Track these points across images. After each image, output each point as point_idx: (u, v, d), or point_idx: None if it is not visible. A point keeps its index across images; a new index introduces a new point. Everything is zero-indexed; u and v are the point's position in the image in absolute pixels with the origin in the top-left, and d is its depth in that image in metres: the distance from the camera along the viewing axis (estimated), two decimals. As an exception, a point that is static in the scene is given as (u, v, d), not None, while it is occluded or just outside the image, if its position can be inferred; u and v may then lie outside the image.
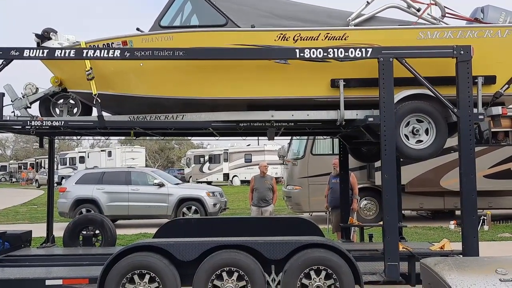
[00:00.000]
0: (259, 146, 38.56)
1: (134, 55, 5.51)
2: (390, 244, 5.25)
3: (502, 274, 3.44)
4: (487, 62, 5.56)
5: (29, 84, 6.21)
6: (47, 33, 6.16)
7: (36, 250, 7.39)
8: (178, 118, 5.99)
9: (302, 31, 5.68)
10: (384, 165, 5.32)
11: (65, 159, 40.41)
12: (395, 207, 5.33)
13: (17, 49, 5.60)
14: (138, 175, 14.83)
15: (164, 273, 5.11)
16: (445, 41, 5.56)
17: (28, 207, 21.83)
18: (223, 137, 7.88)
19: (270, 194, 9.80)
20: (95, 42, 5.86)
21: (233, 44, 5.66)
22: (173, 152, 64.84)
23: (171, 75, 5.77)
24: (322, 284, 5.12)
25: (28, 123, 6.05)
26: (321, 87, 5.72)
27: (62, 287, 5.50)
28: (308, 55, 5.42)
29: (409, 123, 5.60)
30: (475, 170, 5.30)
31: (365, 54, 5.39)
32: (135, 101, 5.97)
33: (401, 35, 5.71)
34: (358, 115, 5.76)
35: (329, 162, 10.15)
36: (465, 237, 5.29)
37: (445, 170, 12.60)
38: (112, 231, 8.11)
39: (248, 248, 5.26)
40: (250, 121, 6.02)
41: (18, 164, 60.04)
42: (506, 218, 13.57)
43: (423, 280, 4.58)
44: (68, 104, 6.36)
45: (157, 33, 5.81)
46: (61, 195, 14.14)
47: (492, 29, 5.64)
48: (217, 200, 14.42)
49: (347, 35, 5.65)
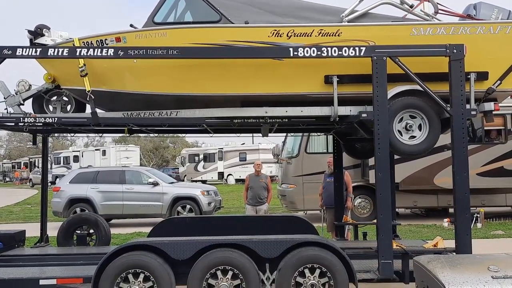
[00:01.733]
0: (253, 145, 38.64)
1: (127, 54, 5.51)
2: (384, 242, 5.28)
3: (494, 272, 3.47)
4: (479, 58, 5.59)
5: (22, 81, 6.17)
6: (40, 30, 6.13)
7: (30, 250, 7.35)
8: (172, 115, 5.99)
9: (295, 28, 5.69)
10: (378, 163, 5.33)
11: (59, 158, 40.26)
12: (389, 205, 5.35)
13: (10, 48, 5.57)
14: (133, 174, 14.79)
15: (158, 272, 5.10)
16: (438, 38, 5.59)
17: (22, 207, 21.72)
18: (217, 134, 7.89)
19: (265, 192, 9.80)
20: (89, 39, 5.84)
21: (227, 41, 5.66)
22: (167, 151, 64.71)
23: (165, 72, 5.76)
24: (316, 282, 5.12)
25: (21, 120, 6.01)
26: (315, 83, 5.74)
27: (56, 286, 5.50)
28: (302, 54, 5.44)
29: (403, 119, 5.63)
30: (468, 168, 5.34)
31: (358, 53, 5.41)
32: (129, 98, 5.96)
33: (394, 31, 5.73)
34: (351, 111, 5.78)
35: (323, 160, 10.17)
36: (458, 235, 5.32)
37: (438, 168, 12.66)
38: (106, 231, 8.08)
39: (242, 246, 5.26)
40: (244, 118, 6.03)
41: (12, 163, 59.73)
42: (499, 216, 13.67)
43: (416, 277, 4.61)
44: (61, 101, 6.33)
45: (151, 30, 5.80)
46: (55, 194, 14.08)
47: (484, 25, 5.67)
48: (211, 199, 14.42)
49: (341, 31, 5.67)
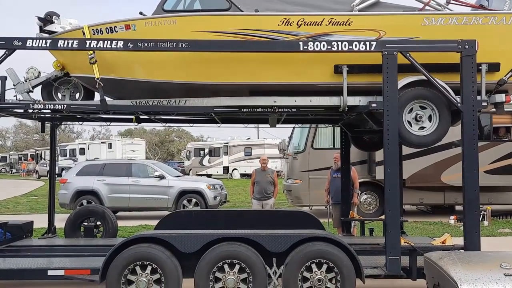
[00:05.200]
0: (259, 139, 38.63)
1: (137, 46, 5.49)
2: (392, 238, 5.26)
3: (506, 269, 3.45)
4: (491, 49, 5.54)
5: (32, 68, 6.17)
6: (50, 17, 6.13)
7: (38, 241, 7.41)
8: (181, 103, 5.98)
9: (305, 16, 5.66)
10: (387, 155, 5.31)
11: (66, 150, 40.41)
12: (397, 201, 5.34)
13: (20, 39, 5.58)
14: (139, 167, 14.81)
15: (166, 264, 5.11)
16: (450, 28, 5.56)
17: (29, 198, 21.85)
18: (225, 124, 7.87)
19: (271, 187, 9.77)
20: (98, 26, 5.82)
21: (237, 29, 5.64)
22: (173, 144, 64.83)
23: (173, 60, 5.74)
24: (323, 277, 5.12)
25: (30, 106, 6.02)
26: (325, 73, 5.71)
27: (64, 277, 5.53)
28: (312, 48, 5.40)
29: (412, 110, 5.59)
30: (478, 165, 5.30)
31: (369, 47, 5.37)
32: (137, 86, 5.96)
33: (405, 20, 5.69)
34: (361, 101, 5.75)
35: (329, 156, 10.14)
36: (467, 232, 5.30)
37: (446, 165, 12.60)
38: (114, 223, 8.12)
39: (249, 240, 5.26)
40: (253, 107, 6.01)
41: (18, 155, 60.06)
42: (506, 214, 13.59)
43: (426, 274, 4.60)
44: (70, 88, 6.33)
45: (161, 17, 5.78)
46: (62, 186, 14.15)
47: (497, 16, 5.62)
48: (217, 193, 14.43)
49: (351, 20, 5.63)
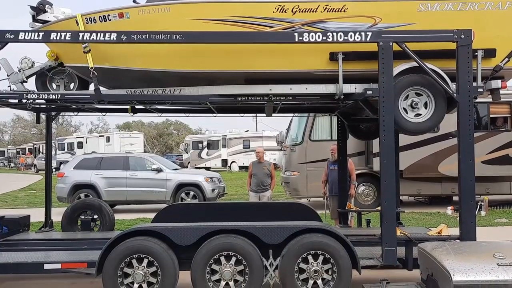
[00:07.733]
0: (257, 132, 38.64)
1: (131, 38, 5.45)
2: (388, 229, 5.27)
3: (499, 259, 3.46)
4: (487, 35, 5.52)
5: (25, 58, 6.13)
6: (43, 6, 6.08)
7: (35, 235, 7.39)
8: (176, 92, 5.96)
9: (300, 3, 5.63)
10: (383, 148, 5.31)
11: (63, 144, 40.34)
12: (393, 192, 5.34)
13: (12, 32, 5.54)
14: (137, 161, 14.81)
15: (162, 257, 5.12)
16: (446, 14, 5.54)
17: (27, 192, 21.85)
18: (221, 114, 7.85)
19: (268, 180, 9.78)
20: (91, 15, 5.78)
21: (231, 16, 5.61)
22: (171, 138, 64.84)
23: (167, 49, 5.70)
24: (319, 268, 5.13)
25: (24, 96, 5.99)
26: (320, 61, 5.69)
27: (61, 271, 5.53)
28: (307, 39, 5.37)
29: (408, 97, 5.58)
30: (473, 155, 5.30)
31: (364, 38, 5.34)
32: (132, 75, 5.93)
33: (401, 7, 5.66)
34: (356, 88, 5.74)
35: (327, 148, 10.14)
36: (463, 222, 5.31)
37: (443, 156, 12.63)
38: (111, 216, 8.12)
39: (246, 232, 5.27)
40: (248, 95, 5.99)
41: (17, 149, 60.00)
42: (503, 204, 13.64)
43: (420, 264, 4.61)
44: (64, 79, 6.29)
45: (154, 5, 5.74)
46: (59, 180, 14.15)
47: (493, 1, 5.59)
48: (215, 186, 14.44)
49: (346, 7, 5.61)
